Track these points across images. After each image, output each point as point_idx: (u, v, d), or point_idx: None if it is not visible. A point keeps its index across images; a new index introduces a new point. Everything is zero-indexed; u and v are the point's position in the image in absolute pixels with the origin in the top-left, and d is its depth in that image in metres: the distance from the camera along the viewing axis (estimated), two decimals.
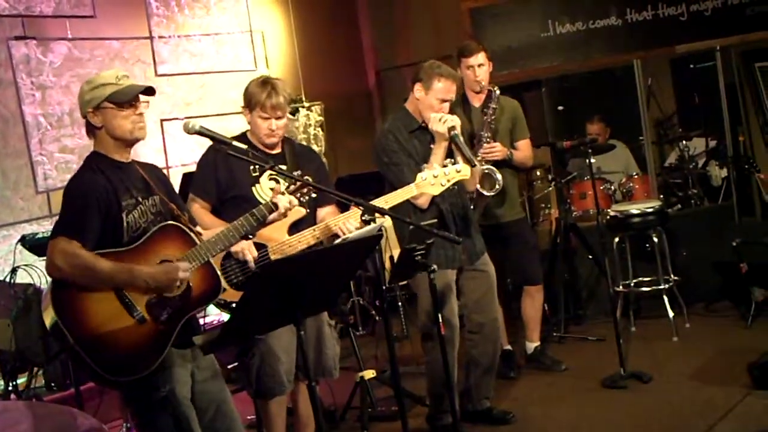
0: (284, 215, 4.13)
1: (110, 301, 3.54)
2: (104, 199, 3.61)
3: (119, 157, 3.76)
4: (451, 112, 5.13)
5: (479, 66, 6.07)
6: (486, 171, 5.72)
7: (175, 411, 3.65)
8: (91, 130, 3.76)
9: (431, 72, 5.10)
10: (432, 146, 5.08)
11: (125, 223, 3.64)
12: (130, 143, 3.77)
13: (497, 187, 5.78)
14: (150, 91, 3.76)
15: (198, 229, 3.91)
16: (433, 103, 5.09)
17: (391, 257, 4.85)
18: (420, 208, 5.06)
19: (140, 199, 3.72)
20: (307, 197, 4.22)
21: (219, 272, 3.87)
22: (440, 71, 5.09)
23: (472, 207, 5.56)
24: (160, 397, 3.61)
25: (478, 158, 5.68)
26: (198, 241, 3.79)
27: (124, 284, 3.55)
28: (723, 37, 8.25)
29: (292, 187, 4.08)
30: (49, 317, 3.47)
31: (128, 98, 3.68)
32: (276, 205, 4.04)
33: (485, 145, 5.91)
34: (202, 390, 3.82)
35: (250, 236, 4.06)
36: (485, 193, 5.74)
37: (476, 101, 6.14)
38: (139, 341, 3.56)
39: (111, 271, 3.52)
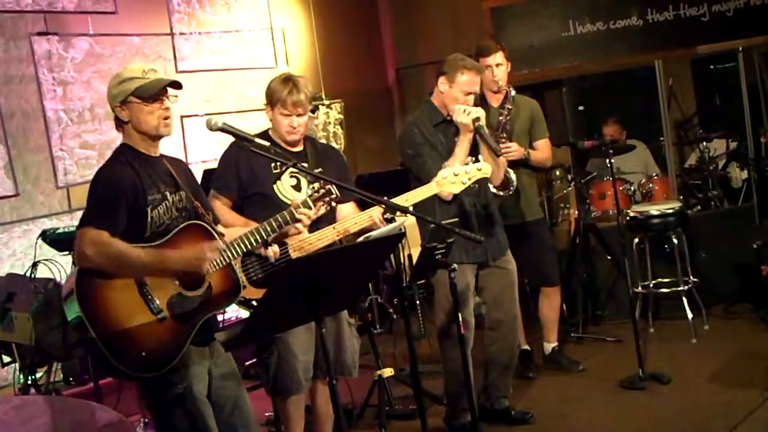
0: (305, 225, 4.14)
1: (132, 296, 3.56)
2: (132, 192, 3.62)
3: (147, 150, 3.78)
4: (476, 105, 5.14)
5: (497, 66, 6.05)
6: None
7: (192, 408, 3.67)
8: (120, 124, 3.78)
9: (455, 65, 5.11)
10: (457, 139, 5.08)
11: (149, 218, 3.65)
12: (155, 138, 3.78)
13: (511, 188, 5.76)
14: (177, 84, 3.77)
15: (220, 228, 3.91)
16: (457, 95, 5.10)
17: (409, 256, 4.85)
18: (445, 203, 5.05)
19: (167, 195, 3.74)
20: (330, 204, 4.21)
21: (240, 271, 3.88)
22: (464, 63, 5.10)
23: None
24: (176, 393, 3.63)
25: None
26: (221, 242, 3.81)
27: (154, 270, 3.57)
28: (745, 38, 8.21)
29: (315, 195, 4.08)
30: (71, 309, 3.48)
31: (153, 92, 3.69)
32: (295, 219, 4.04)
33: (501, 145, 5.89)
34: (219, 387, 3.84)
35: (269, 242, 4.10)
36: (499, 193, 5.72)
37: (494, 101, 6.13)
38: (158, 338, 3.57)
39: (141, 257, 3.54)
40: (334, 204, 4.29)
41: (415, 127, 5.23)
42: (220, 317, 5.17)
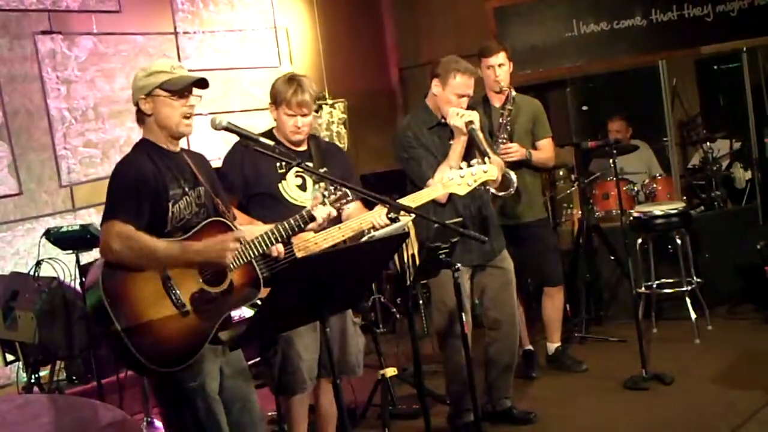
0: (321, 226, 4.16)
1: (156, 290, 3.57)
2: (153, 186, 3.63)
3: (167, 145, 3.79)
4: (471, 109, 5.13)
5: (499, 66, 6.04)
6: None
7: (203, 405, 3.67)
8: (141, 117, 3.79)
9: (448, 67, 5.11)
10: (451, 142, 5.08)
11: (170, 213, 3.67)
12: (175, 136, 3.79)
13: (511, 189, 5.75)
14: (203, 83, 3.77)
15: (238, 225, 3.93)
16: (450, 98, 5.10)
17: (413, 255, 4.85)
18: (439, 206, 5.05)
19: (187, 190, 3.76)
20: (345, 208, 4.22)
21: (259, 271, 3.90)
22: (457, 66, 5.09)
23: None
24: (189, 390, 3.64)
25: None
26: (242, 240, 3.82)
27: (177, 261, 3.58)
28: (749, 38, 8.20)
29: (333, 197, 4.08)
30: (94, 297, 3.49)
31: (180, 87, 3.71)
32: (313, 217, 4.04)
33: (501, 146, 5.89)
34: (230, 385, 3.85)
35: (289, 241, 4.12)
36: (499, 194, 5.73)
37: (497, 101, 6.12)
38: (180, 332, 3.58)
39: (167, 250, 3.57)
40: (351, 205, 4.31)
41: (409, 131, 5.23)
42: None
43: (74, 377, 6.54)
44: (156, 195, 3.64)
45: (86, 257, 6.11)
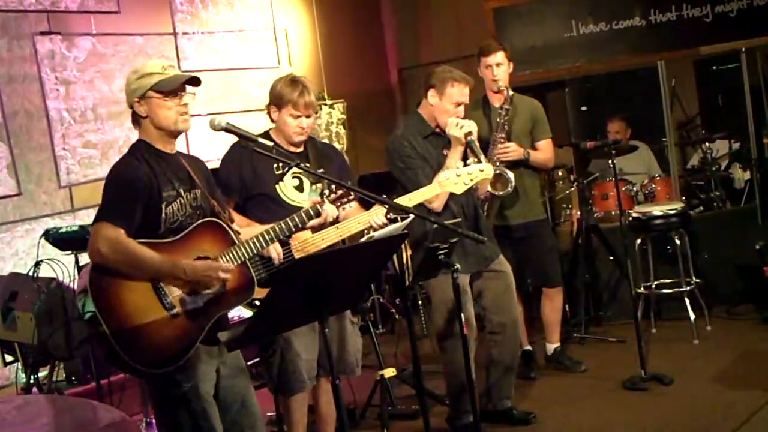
0: (324, 222, 4.16)
1: (146, 292, 3.56)
2: (147, 189, 3.62)
3: (164, 147, 3.78)
4: (467, 115, 5.15)
5: (498, 65, 6.04)
6: (497, 171, 5.67)
7: (197, 407, 3.66)
8: (136, 119, 3.78)
9: (444, 77, 5.14)
10: (445, 151, 5.09)
11: (163, 215, 3.66)
12: (173, 134, 3.79)
13: (509, 187, 5.75)
14: (195, 81, 3.78)
15: (235, 227, 3.92)
16: (448, 107, 5.12)
17: (412, 256, 4.85)
18: (434, 215, 5.04)
19: (181, 192, 3.74)
20: (345, 207, 4.22)
21: (253, 273, 3.89)
22: (453, 75, 5.12)
23: (485, 208, 5.58)
24: (182, 392, 3.63)
25: (494, 159, 5.72)
26: (236, 241, 3.81)
27: (164, 275, 3.57)
28: (748, 39, 8.20)
29: (333, 195, 4.08)
30: (85, 302, 3.48)
31: (172, 87, 3.70)
32: (318, 213, 4.04)
33: (499, 146, 5.90)
34: (227, 386, 3.84)
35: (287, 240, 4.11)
36: (496, 193, 5.72)
37: (496, 101, 6.11)
38: (169, 335, 3.58)
39: (154, 261, 3.55)
40: (351, 205, 4.31)
41: (404, 140, 5.23)
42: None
43: (73, 378, 6.54)
44: (150, 197, 3.63)
45: (85, 258, 6.10)
